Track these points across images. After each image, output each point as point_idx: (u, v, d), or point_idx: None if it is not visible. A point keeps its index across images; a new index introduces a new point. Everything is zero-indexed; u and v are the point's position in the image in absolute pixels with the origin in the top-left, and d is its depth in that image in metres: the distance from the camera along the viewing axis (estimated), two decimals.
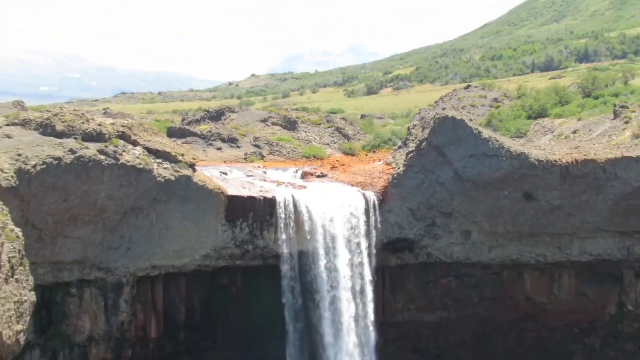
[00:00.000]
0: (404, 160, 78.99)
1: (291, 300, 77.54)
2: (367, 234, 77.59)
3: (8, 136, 67.26)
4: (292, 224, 75.65)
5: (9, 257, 45.48)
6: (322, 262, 76.96)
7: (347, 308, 78.03)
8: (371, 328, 78.82)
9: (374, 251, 78.19)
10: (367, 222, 77.28)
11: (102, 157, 67.42)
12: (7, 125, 69.41)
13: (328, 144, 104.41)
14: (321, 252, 76.35)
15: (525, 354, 79.60)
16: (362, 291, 78.03)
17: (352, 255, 77.24)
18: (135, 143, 71.35)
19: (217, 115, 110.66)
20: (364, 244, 76.98)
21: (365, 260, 77.35)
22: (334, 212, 77.34)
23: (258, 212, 75.46)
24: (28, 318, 47.88)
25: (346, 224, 77.49)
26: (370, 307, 78.22)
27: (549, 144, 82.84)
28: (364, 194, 77.96)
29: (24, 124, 69.64)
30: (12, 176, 61.49)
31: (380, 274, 79.63)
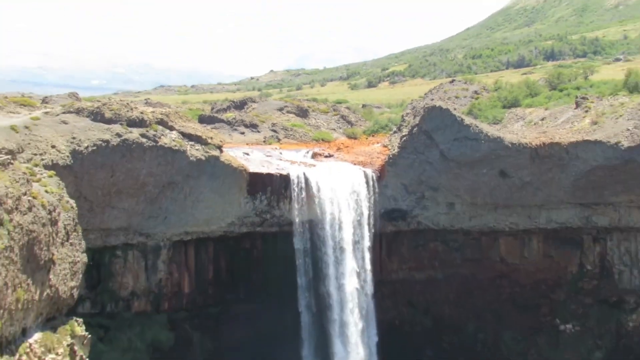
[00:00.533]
0: (399, 143, 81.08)
1: (302, 259, 79.44)
2: (367, 204, 79.77)
3: (64, 122, 68.58)
4: (303, 195, 77.77)
5: (64, 225, 46.21)
6: (328, 229, 78.87)
7: (349, 265, 79.90)
8: (369, 282, 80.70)
9: (372, 220, 79.98)
10: (367, 194, 79.77)
11: (144, 140, 69.66)
12: (64, 113, 70.39)
13: (334, 129, 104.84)
14: (328, 219, 78.07)
15: (500, 307, 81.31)
16: (362, 252, 79.62)
17: (354, 222, 79.45)
18: (171, 128, 73.32)
19: (240, 105, 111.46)
20: (365, 212, 79.14)
21: (365, 226, 79.30)
22: (339, 186, 79.74)
23: (275, 186, 77.49)
24: (80, 276, 48.78)
25: (349, 196, 79.63)
26: (369, 265, 79.80)
27: (520, 129, 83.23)
28: (364, 171, 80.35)
29: (78, 112, 70.76)
30: (67, 156, 63.56)
31: (378, 239, 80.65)
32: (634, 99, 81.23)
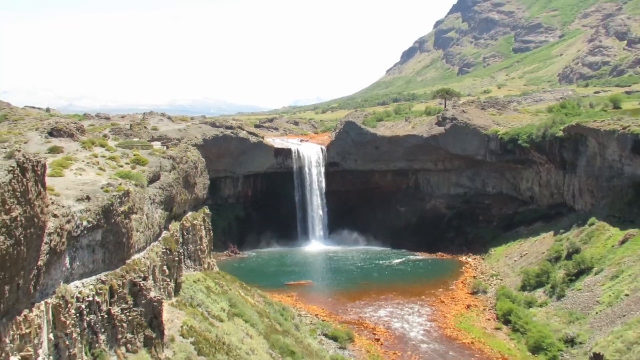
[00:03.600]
0: (335, 135, 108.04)
1: (296, 183, 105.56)
2: (322, 160, 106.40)
3: (199, 126, 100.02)
4: (296, 156, 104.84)
5: (200, 168, 60.97)
6: (307, 170, 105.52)
7: (315, 178, 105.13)
8: (322, 191, 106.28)
9: (323, 166, 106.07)
10: (322, 156, 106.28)
11: (232, 134, 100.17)
12: (200, 123, 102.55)
13: (309, 130, 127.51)
14: (306, 167, 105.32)
15: (373, 197, 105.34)
16: (320, 179, 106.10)
17: (316, 167, 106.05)
18: (242, 129, 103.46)
19: (271, 120, 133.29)
20: (321, 163, 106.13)
21: (321, 168, 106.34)
22: (311, 152, 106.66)
23: (285, 152, 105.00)
24: (207, 189, 64.73)
25: (314, 157, 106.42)
26: (323, 185, 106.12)
27: (382, 130, 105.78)
28: (320, 147, 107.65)
29: (205, 122, 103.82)
30: (200, 140, 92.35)
31: (325, 174, 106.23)
32: (428, 118, 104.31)
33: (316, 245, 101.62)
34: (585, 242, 71.49)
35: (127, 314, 34.45)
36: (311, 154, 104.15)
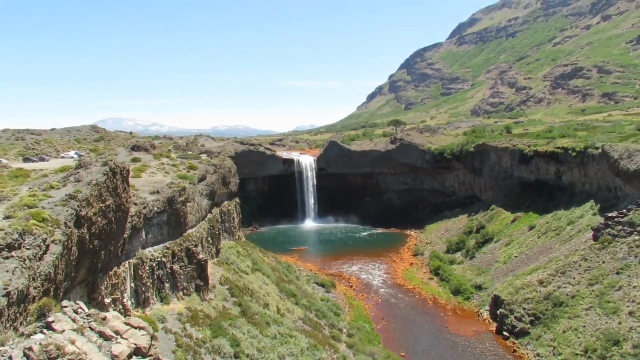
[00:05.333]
0: (323, 149, 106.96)
1: (297, 184, 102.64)
2: (314, 166, 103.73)
3: (232, 144, 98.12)
4: (297, 164, 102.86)
5: (232, 171, 74.78)
6: (304, 173, 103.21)
7: (310, 178, 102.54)
8: (315, 187, 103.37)
9: (315, 171, 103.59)
10: (314, 164, 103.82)
11: (254, 149, 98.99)
12: (232, 141, 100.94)
13: (305, 146, 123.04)
14: (304, 171, 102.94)
15: (352, 193, 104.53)
16: (313, 180, 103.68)
17: (312, 171, 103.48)
18: (261, 145, 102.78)
19: (280, 140, 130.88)
20: (314, 168, 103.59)
21: (314, 172, 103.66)
22: (307, 161, 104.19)
23: (289, 161, 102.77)
24: (237, 185, 77.06)
25: (309, 164, 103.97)
26: (315, 182, 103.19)
27: (358, 146, 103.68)
28: (313, 157, 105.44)
29: (236, 141, 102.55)
30: (233, 153, 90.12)
31: (316, 176, 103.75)
32: (385, 139, 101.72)
33: (310, 224, 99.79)
34: (489, 221, 71.92)
35: (184, 269, 34.36)
36: (307, 162, 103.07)
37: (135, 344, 12.47)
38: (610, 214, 46.71)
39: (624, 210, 45.76)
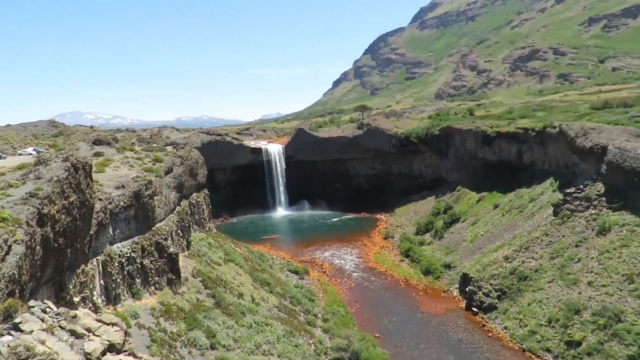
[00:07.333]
0: (291, 138, 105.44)
1: (267, 172, 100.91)
2: (282, 155, 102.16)
3: (198, 135, 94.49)
4: (265, 153, 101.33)
5: (200, 162, 74.85)
6: (273, 162, 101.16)
7: (279, 167, 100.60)
8: (284, 174, 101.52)
9: (284, 159, 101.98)
10: (282, 151, 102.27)
11: (221, 139, 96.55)
12: (199, 132, 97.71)
13: (273, 135, 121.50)
14: (273, 160, 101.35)
15: (328, 179, 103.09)
16: (282, 167, 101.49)
17: (280, 159, 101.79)
18: (228, 135, 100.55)
19: (247, 129, 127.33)
20: (282, 157, 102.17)
21: (283, 160, 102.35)
22: (275, 149, 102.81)
23: (258, 150, 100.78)
24: (206, 177, 74.99)
25: (278, 153, 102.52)
26: (284, 171, 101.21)
27: (326, 133, 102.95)
28: (281, 145, 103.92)
29: (202, 132, 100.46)
30: (200, 144, 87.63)
31: (286, 164, 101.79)
32: (352, 125, 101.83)
33: (281, 212, 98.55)
34: (455, 202, 72.87)
35: (154, 264, 33.91)
36: (275, 150, 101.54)
37: (108, 341, 12.35)
38: (568, 190, 48.28)
39: (581, 186, 47.37)
